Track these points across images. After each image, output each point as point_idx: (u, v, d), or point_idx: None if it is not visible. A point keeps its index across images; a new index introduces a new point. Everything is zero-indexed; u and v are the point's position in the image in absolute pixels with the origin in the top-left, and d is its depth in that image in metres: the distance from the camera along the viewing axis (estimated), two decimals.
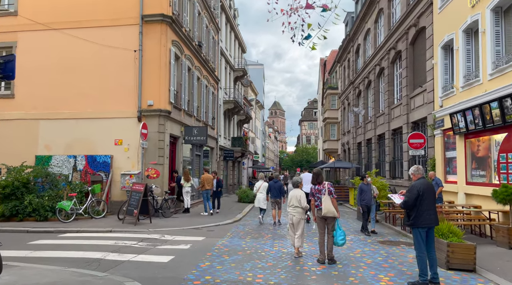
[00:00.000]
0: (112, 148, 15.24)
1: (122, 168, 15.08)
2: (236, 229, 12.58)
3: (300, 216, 8.28)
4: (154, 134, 14.99)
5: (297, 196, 8.33)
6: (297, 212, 8.28)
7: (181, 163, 17.44)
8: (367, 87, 26.89)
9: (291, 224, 8.42)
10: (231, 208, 19.26)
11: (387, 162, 21.26)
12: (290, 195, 8.48)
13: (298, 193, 8.40)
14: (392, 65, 21.07)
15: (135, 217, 12.59)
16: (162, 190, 14.94)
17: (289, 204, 8.44)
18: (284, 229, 12.53)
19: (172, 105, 16.00)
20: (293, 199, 8.35)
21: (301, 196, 8.32)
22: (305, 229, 8.68)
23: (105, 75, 15.49)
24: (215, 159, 25.27)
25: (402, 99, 18.61)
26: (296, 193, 8.41)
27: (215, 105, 25.06)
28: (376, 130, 24.03)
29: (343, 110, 36.04)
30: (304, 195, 8.44)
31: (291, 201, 8.39)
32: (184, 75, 17.75)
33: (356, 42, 29.80)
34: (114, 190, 15.07)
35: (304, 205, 8.28)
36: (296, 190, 8.69)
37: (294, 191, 8.57)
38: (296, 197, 8.33)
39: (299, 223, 8.25)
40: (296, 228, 8.29)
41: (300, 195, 8.33)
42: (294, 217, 8.28)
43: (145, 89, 15.16)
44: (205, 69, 21.85)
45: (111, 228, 11.80)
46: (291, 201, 8.40)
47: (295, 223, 8.27)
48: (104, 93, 15.44)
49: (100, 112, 15.40)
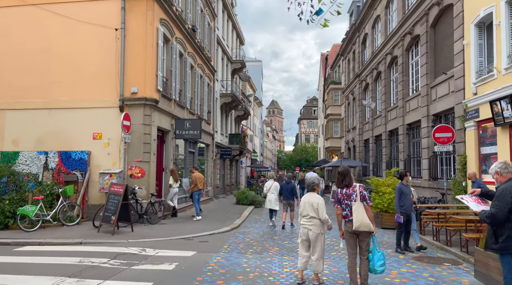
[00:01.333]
0: (89, 143, 13.10)
1: (102, 166, 12.94)
2: (235, 239, 10.47)
3: (318, 231, 6.09)
4: (138, 127, 12.86)
5: (313, 203, 6.14)
6: (314, 225, 6.10)
7: (171, 161, 15.31)
8: (376, 79, 24.84)
9: (303, 241, 6.24)
10: (228, 211, 17.15)
11: (401, 160, 19.20)
12: (303, 201, 6.32)
13: (314, 199, 6.18)
14: (407, 52, 19.02)
15: (113, 224, 10.45)
16: (147, 192, 12.81)
17: (302, 213, 6.28)
18: (293, 238, 10.44)
19: (160, 93, 13.86)
20: (307, 206, 6.18)
21: (318, 203, 6.14)
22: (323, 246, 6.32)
23: (82, 59, 13.34)
24: (211, 157, 23.15)
25: (421, 90, 16.55)
26: (311, 199, 6.19)
27: (211, 98, 22.92)
28: (387, 126, 21.98)
29: (347, 106, 34.01)
30: (323, 202, 6.30)
31: (305, 210, 6.23)
32: (175, 60, 15.61)
33: (363, 31, 27.74)
34: (91, 191, 12.93)
35: (323, 216, 6.08)
36: (311, 195, 6.32)
37: (308, 196, 6.29)
38: (311, 205, 6.16)
39: (317, 240, 6.07)
40: (314, 247, 6.11)
41: (317, 202, 6.14)
42: (310, 232, 6.11)
43: (128, 74, 13.03)
44: (200, 57, 19.72)
45: (81, 239, 9.66)
46: (304, 210, 6.24)
47: (312, 239, 6.10)
48: (81, 79, 13.29)
49: (76, 101, 13.25)
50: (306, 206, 6.20)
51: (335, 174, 38.54)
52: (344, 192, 5.86)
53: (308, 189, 6.47)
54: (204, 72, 20.88)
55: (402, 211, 8.63)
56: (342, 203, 5.86)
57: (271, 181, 13.70)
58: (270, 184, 13.41)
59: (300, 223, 6.30)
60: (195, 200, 14.14)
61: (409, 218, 8.80)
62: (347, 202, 5.81)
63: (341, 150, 37.44)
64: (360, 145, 28.36)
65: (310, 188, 6.44)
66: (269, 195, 13.15)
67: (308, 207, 6.17)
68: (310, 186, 6.44)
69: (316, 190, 6.39)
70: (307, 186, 6.49)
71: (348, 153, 33.31)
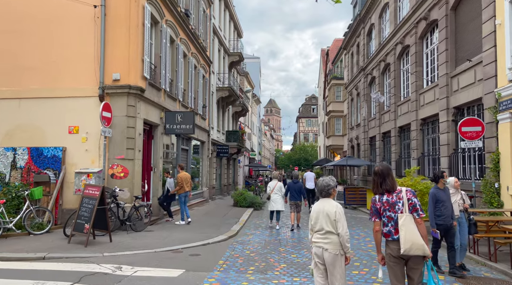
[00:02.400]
0: (65, 137, 11.37)
1: (79, 164, 11.21)
2: (232, 251, 8.78)
3: (337, 251, 4.31)
4: (121, 119, 11.14)
5: (329, 212, 4.38)
6: (331, 243, 4.34)
7: (160, 159, 13.58)
8: (383, 72, 23.19)
9: (318, 264, 4.43)
10: (225, 215, 15.44)
11: (413, 159, 17.55)
12: (315, 211, 4.54)
13: (330, 208, 4.41)
14: (421, 40, 17.36)
15: (87, 234, 8.72)
16: (131, 194, 11.08)
17: (314, 227, 4.51)
18: (301, 250, 8.76)
19: (147, 81, 12.14)
20: (320, 218, 4.43)
21: (337, 213, 4.35)
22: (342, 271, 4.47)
23: (57, 41, 11.61)
24: (207, 155, 21.43)
25: (439, 80, 14.90)
26: (327, 208, 4.43)
27: (207, 92, 21.19)
28: (396, 121, 20.33)
29: (350, 102, 32.35)
30: (343, 211, 4.46)
31: (318, 223, 4.46)
32: (165, 46, 13.87)
33: (369, 22, 26.08)
34: (66, 194, 11.20)
35: (344, 230, 4.30)
36: (325, 202, 4.52)
37: (322, 204, 4.51)
38: (326, 215, 4.39)
39: (335, 263, 4.30)
40: (331, 273, 4.32)
41: (335, 212, 4.35)
42: (325, 253, 4.32)
43: (110, 58, 11.30)
44: (194, 46, 17.99)
45: (46, 253, 7.93)
46: (317, 223, 4.47)
47: (329, 262, 4.32)
48: (55, 65, 11.55)
49: (49, 89, 11.51)
50: (320, 217, 4.43)
51: (336, 174, 36.92)
52: (385, 200, 4.17)
53: (322, 195, 4.64)
54: (199, 62, 19.15)
55: (439, 223, 6.76)
56: (383, 216, 4.17)
57: (274, 181, 12.92)
58: (274, 184, 12.68)
59: (312, 240, 4.53)
60: (181, 203, 12.49)
61: (447, 231, 6.88)
62: (390, 214, 4.12)
63: (343, 149, 35.79)
64: (366, 143, 26.70)
65: (324, 193, 4.60)
66: (273, 196, 12.46)
67: (323, 218, 4.40)
68: (324, 191, 4.60)
69: (332, 195, 4.61)
70: (320, 191, 4.65)
71: (351, 151, 31.66)
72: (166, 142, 14.93)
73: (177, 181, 12.53)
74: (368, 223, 13.87)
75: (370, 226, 13.24)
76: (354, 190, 20.73)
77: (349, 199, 20.26)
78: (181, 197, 12.42)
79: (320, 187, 4.64)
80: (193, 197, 18.61)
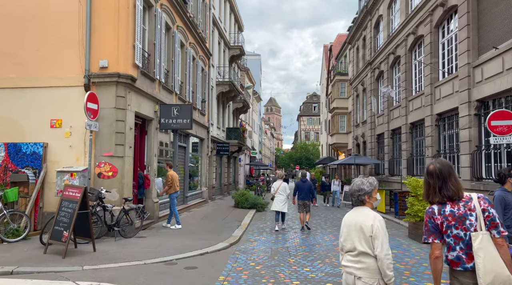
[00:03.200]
0: (46, 132, 10.15)
1: (62, 162, 10.00)
2: (235, 262, 7.57)
3: (374, 281, 3.06)
4: (109, 112, 9.91)
5: (364, 226, 3.16)
6: (366, 270, 3.09)
7: (154, 157, 12.36)
8: (393, 65, 21.96)
9: None
10: (225, 217, 14.23)
11: (427, 157, 16.31)
12: (344, 223, 3.34)
13: (365, 220, 3.17)
14: (437, 29, 16.12)
15: (65, 243, 7.50)
16: (120, 196, 9.86)
17: (344, 246, 3.30)
18: (315, 261, 7.55)
19: (139, 70, 10.91)
20: (352, 233, 3.23)
21: (374, 226, 3.11)
22: None
23: (37, 24, 10.38)
24: (206, 153, 20.20)
25: (459, 71, 13.66)
26: (361, 219, 3.20)
27: (206, 86, 19.96)
28: (408, 117, 19.10)
29: (355, 98, 31.13)
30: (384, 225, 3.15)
31: (348, 240, 3.25)
32: (160, 32, 12.64)
33: (376, 14, 24.85)
34: (48, 195, 9.98)
35: (384, 252, 3.03)
36: (359, 212, 3.29)
37: (354, 215, 3.30)
38: (360, 230, 3.18)
39: None
40: None
41: (371, 225, 3.12)
42: (358, 283, 3.13)
43: (97, 43, 10.08)
44: (192, 35, 16.75)
45: (15, 267, 6.72)
46: (347, 240, 3.26)
47: None
48: (36, 51, 10.32)
49: (29, 78, 10.29)
50: (352, 232, 3.22)
51: (340, 172, 35.67)
52: (449, 213, 2.93)
53: (354, 202, 3.36)
54: (198, 53, 17.92)
55: None
56: (446, 235, 2.94)
57: (279, 181, 12.34)
58: (278, 184, 12.10)
59: (342, 264, 3.31)
60: (173, 205, 11.33)
61: None
62: (458, 233, 2.89)
63: (347, 147, 34.59)
64: (372, 140, 25.47)
65: (356, 200, 3.31)
66: (277, 196, 11.92)
67: (355, 234, 3.19)
68: (355, 196, 3.31)
69: (366, 202, 3.29)
70: (351, 196, 3.37)
71: (356, 149, 30.42)
72: (162, 138, 13.72)
73: (166, 181, 11.31)
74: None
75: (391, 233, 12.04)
76: None
77: None
78: (173, 198, 11.25)
79: (350, 192, 3.40)
80: (192, 198, 17.42)
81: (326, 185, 20.78)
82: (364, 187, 3.27)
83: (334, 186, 20.21)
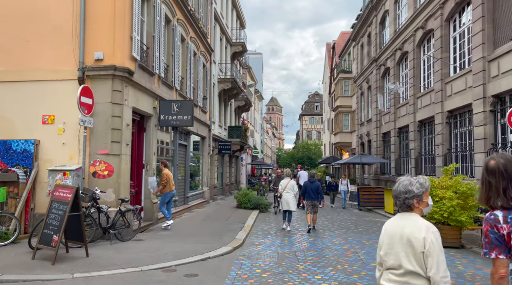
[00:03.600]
0: (38, 129, 9.56)
1: (54, 160, 9.40)
2: (239, 269, 6.96)
3: None
4: (105, 107, 9.31)
5: (414, 239, 2.48)
6: None
7: (154, 155, 11.75)
8: (399, 62, 21.32)
9: None
10: (228, 218, 13.63)
11: (438, 156, 15.68)
12: (386, 232, 2.68)
13: (415, 231, 2.49)
14: (447, 23, 15.49)
15: (55, 248, 6.90)
16: (116, 196, 9.26)
17: (384, 261, 2.62)
18: (326, 269, 6.93)
19: (136, 63, 10.30)
20: (396, 245, 2.55)
21: (427, 240, 2.44)
22: None
23: (28, 13, 9.78)
24: (208, 152, 19.60)
25: (472, 65, 13.03)
26: (410, 231, 2.51)
27: (207, 82, 19.36)
28: (416, 115, 18.47)
29: (359, 96, 30.49)
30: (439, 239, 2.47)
31: (390, 254, 2.58)
32: (159, 24, 12.04)
33: (382, 9, 24.21)
34: (39, 196, 9.38)
35: (439, 274, 2.38)
36: (405, 219, 2.59)
37: (399, 223, 2.61)
38: (408, 243, 2.50)
39: None
40: None
41: (424, 238, 2.45)
42: None
43: (91, 34, 9.48)
44: (193, 30, 16.15)
45: None
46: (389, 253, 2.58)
47: None
48: (26, 42, 9.73)
49: (20, 71, 9.70)
50: (396, 245, 2.56)
51: (343, 171, 35.02)
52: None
53: (399, 207, 2.67)
54: (199, 49, 17.31)
55: None
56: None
57: (287, 179, 12.16)
58: (286, 182, 11.93)
59: (380, 283, 2.65)
60: (162, 204, 10.79)
61: None
62: None
63: (351, 146, 33.96)
64: (378, 139, 24.83)
65: (401, 204, 2.64)
66: (284, 195, 11.71)
67: (401, 248, 2.53)
68: (401, 199, 2.62)
69: (415, 208, 2.61)
70: (395, 198, 2.67)
71: (361, 148, 29.78)
72: (161, 136, 13.12)
73: (160, 180, 10.69)
74: None
75: None
76: (369, 191, 18.90)
77: (364, 200, 18.47)
78: (165, 197, 10.68)
79: (394, 193, 2.70)
80: (193, 198, 16.83)
81: (333, 185, 20.08)
82: (413, 189, 2.59)
83: (342, 186, 19.54)
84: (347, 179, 20.09)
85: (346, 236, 10.74)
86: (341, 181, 19.97)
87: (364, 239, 10.18)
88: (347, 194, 19.68)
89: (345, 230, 11.80)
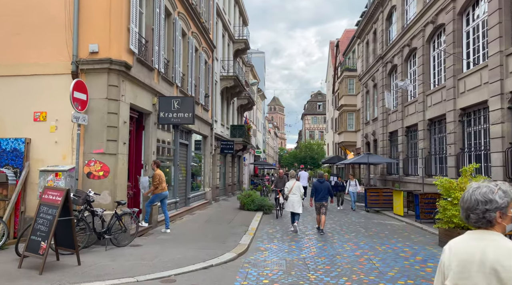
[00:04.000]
0: (29, 126, 8.96)
1: (46, 160, 8.80)
2: (245, 279, 6.35)
3: None
4: (100, 103, 8.70)
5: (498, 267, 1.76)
6: None
7: (153, 154, 11.14)
8: (407, 58, 20.66)
9: None
10: (231, 221, 13.01)
11: (450, 155, 15.02)
12: (455, 257, 1.90)
13: (501, 256, 1.78)
14: (460, 16, 14.83)
15: (43, 256, 6.29)
16: (112, 199, 8.65)
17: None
18: (340, 279, 6.30)
19: (134, 56, 9.69)
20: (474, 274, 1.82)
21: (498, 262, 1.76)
22: None
23: (18, 4, 9.18)
24: (210, 151, 18.99)
25: (488, 60, 12.38)
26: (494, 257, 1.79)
27: (209, 80, 18.75)
28: (425, 113, 17.82)
29: (365, 94, 29.82)
30: None
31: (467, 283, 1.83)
32: (159, 17, 11.43)
33: (389, 5, 23.56)
34: (30, 198, 8.79)
35: None
36: (483, 238, 1.88)
37: (475, 244, 1.87)
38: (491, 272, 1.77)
39: None
40: None
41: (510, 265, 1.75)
42: None
43: (85, 24, 8.87)
44: (195, 24, 15.54)
45: None
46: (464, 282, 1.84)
47: None
48: (15, 35, 9.13)
49: (9, 66, 9.10)
50: (474, 274, 1.83)
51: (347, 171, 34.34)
52: None
53: (475, 222, 1.93)
54: (201, 44, 16.70)
55: None
56: None
57: (292, 180, 11.88)
58: (292, 184, 11.65)
59: None
60: (163, 206, 10.16)
61: None
62: None
63: (356, 145, 33.29)
64: (384, 138, 24.17)
65: (477, 219, 1.92)
66: (290, 196, 11.43)
67: (482, 278, 1.80)
68: (478, 211, 1.90)
69: (497, 224, 1.89)
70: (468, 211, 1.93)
71: (366, 148, 29.11)
72: (161, 135, 12.51)
73: (153, 180, 10.04)
74: (405, 233, 11.41)
75: (409, 237, 10.78)
76: (377, 191, 18.23)
77: (371, 201, 17.79)
78: (156, 198, 10.05)
79: (467, 205, 1.96)
80: (195, 199, 16.22)
81: (340, 186, 19.33)
82: (496, 198, 1.89)
83: (351, 188, 18.76)
84: (355, 179, 19.34)
85: (357, 240, 10.11)
86: (349, 182, 19.22)
87: (377, 244, 9.54)
88: (355, 195, 18.90)
89: (355, 234, 11.17)
